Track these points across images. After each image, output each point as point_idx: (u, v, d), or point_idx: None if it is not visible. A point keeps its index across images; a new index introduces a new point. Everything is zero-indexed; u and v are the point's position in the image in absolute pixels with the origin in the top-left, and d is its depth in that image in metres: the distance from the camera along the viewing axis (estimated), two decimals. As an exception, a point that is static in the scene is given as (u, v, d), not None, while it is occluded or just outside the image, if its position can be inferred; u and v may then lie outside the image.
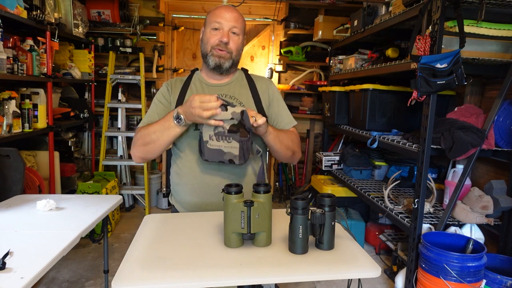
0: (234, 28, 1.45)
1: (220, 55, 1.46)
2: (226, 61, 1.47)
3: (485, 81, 2.44)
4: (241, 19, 1.48)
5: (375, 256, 2.94)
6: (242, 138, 1.30)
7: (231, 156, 1.31)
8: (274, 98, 1.56)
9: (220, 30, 1.45)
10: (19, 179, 2.12)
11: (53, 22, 2.81)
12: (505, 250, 2.10)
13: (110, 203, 1.76)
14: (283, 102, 1.60)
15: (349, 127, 3.16)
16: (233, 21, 1.45)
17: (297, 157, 1.54)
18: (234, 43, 1.47)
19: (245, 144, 1.30)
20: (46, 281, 2.45)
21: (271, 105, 1.55)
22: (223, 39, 1.44)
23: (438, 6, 1.81)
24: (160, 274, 0.94)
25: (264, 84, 1.58)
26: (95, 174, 3.61)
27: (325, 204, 1.08)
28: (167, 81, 1.59)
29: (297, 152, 1.52)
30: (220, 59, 1.46)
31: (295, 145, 1.50)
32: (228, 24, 1.44)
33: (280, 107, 1.56)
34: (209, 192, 1.44)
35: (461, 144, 1.90)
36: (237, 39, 1.48)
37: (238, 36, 1.48)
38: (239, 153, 1.31)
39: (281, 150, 1.45)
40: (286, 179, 4.43)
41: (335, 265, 1.02)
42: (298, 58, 4.19)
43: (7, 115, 2.32)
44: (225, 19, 1.44)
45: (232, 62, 1.49)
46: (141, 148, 1.42)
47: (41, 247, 1.26)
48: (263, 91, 1.55)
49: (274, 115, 1.55)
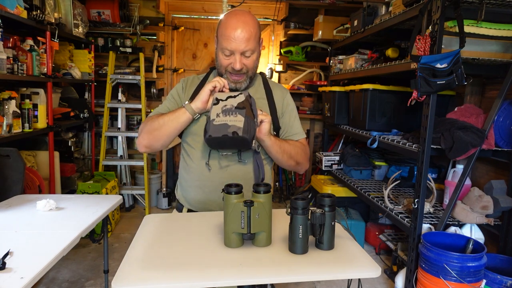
0: (247, 52, 1.37)
1: (235, 81, 1.42)
2: (243, 83, 1.44)
3: (485, 81, 2.45)
4: (254, 34, 1.36)
5: (375, 256, 2.94)
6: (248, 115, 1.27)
7: (235, 128, 1.24)
8: (287, 109, 1.54)
9: (231, 56, 1.38)
10: (19, 179, 2.12)
11: (53, 22, 2.81)
12: (505, 250, 2.10)
13: (110, 203, 1.76)
14: (296, 113, 1.57)
15: (349, 127, 3.15)
16: (244, 44, 1.34)
17: (302, 168, 1.52)
18: (248, 63, 1.40)
19: (251, 122, 1.27)
20: (46, 281, 2.45)
21: (284, 114, 1.53)
22: (235, 66, 1.38)
23: (438, 6, 1.81)
24: (160, 274, 0.94)
25: (280, 92, 1.55)
26: (95, 174, 3.61)
27: (325, 204, 1.08)
28: (184, 78, 1.58)
29: (302, 163, 1.50)
30: (237, 84, 1.43)
31: (300, 156, 1.48)
32: (238, 49, 1.35)
33: (292, 118, 1.54)
34: (214, 189, 1.42)
35: (461, 144, 1.90)
36: (251, 59, 1.40)
37: (253, 54, 1.40)
38: (243, 126, 1.25)
39: (282, 158, 1.43)
40: (286, 179, 4.43)
41: (335, 265, 1.02)
42: (298, 58, 4.19)
43: (7, 115, 2.32)
44: (235, 44, 1.35)
45: (249, 80, 1.46)
46: (146, 136, 1.41)
47: (41, 247, 1.26)
48: (278, 100, 1.53)
49: (285, 125, 1.53)
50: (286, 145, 1.43)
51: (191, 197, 1.49)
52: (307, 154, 1.53)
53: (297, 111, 1.59)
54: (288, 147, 1.44)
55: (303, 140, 1.54)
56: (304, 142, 1.55)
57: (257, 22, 1.41)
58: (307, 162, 1.54)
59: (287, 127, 1.53)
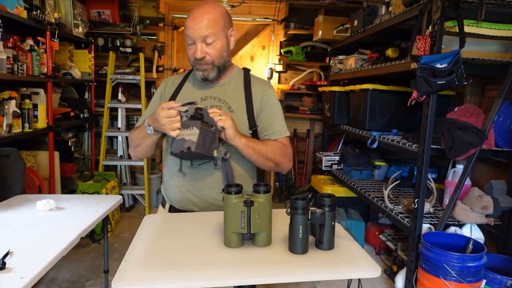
0: (207, 38, 1.35)
1: (202, 69, 1.41)
2: (210, 72, 1.41)
3: (485, 81, 2.44)
4: (214, 21, 1.35)
5: (375, 256, 2.94)
6: (203, 126, 1.24)
7: (190, 143, 1.24)
8: (267, 105, 1.47)
9: (194, 44, 1.38)
10: (19, 179, 2.12)
11: (53, 22, 2.81)
12: (505, 250, 2.10)
13: (110, 203, 1.76)
14: (279, 110, 1.50)
15: (349, 127, 3.15)
16: (204, 30, 1.34)
17: (283, 168, 1.47)
18: (211, 52, 1.38)
19: (207, 134, 1.24)
20: (46, 281, 2.45)
21: (262, 111, 1.46)
22: (197, 55, 1.37)
23: (438, 6, 1.81)
24: (160, 274, 0.94)
25: (260, 89, 1.49)
26: (95, 174, 3.61)
27: (325, 204, 1.08)
28: (166, 78, 1.59)
29: (282, 163, 1.45)
30: (204, 72, 1.41)
31: (278, 157, 1.42)
32: (198, 36, 1.35)
33: (272, 115, 1.47)
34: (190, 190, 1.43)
35: (461, 144, 1.90)
36: (213, 47, 1.38)
37: (215, 42, 1.37)
38: (198, 140, 1.23)
39: (257, 160, 1.39)
40: (286, 179, 4.43)
41: (335, 265, 1.02)
42: (298, 58, 4.19)
43: (7, 115, 2.32)
44: (194, 32, 1.34)
45: (217, 69, 1.43)
46: (133, 150, 1.52)
47: (41, 247, 1.26)
48: (257, 97, 1.47)
49: (264, 123, 1.46)
50: (260, 147, 1.38)
51: (171, 195, 1.50)
52: (288, 154, 1.46)
53: (280, 109, 1.51)
54: (264, 149, 1.39)
55: (283, 139, 1.47)
56: (285, 141, 1.48)
57: (222, 12, 1.40)
58: (289, 162, 1.48)
59: (265, 125, 1.46)
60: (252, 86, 1.49)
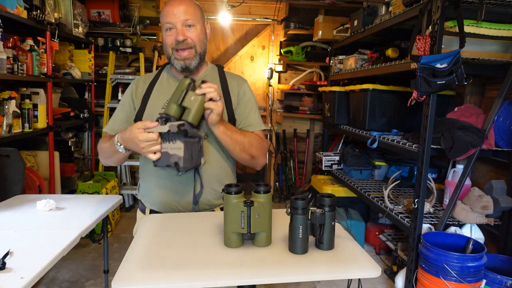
0: (188, 21, 1.35)
1: (183, 57, 1.38)
2: (192, 60, 1.39)
3: (485, 81, 2.44)
4: (192, 8, 1.37)
5: (375, 256, 2.94)
6: (187, 139, 1.21)
7: (176, 158, 1.21)
8: (243, 99, 1.47)
9: (173, 29, 1.36)
10: (19, 179, 2.12)
11: (53, 22, 2.81)
12: (505, 250, 2.10)
13: (110, 203, 1.76)
14: (254, 104, 1.50)
15: (349, 127, 3.15)
16: (183, 14, 1.34)
17: (258, 163, 1.46)
18: (192, 36, 1.37)
19: (193, 146, 1.22)
20: (46, 281, 2.45)
21: (238, 105, 1.46)
22: (179, 37, 1.34)
23: (438, 6, 1.81)
24: (160, 274, 0.94)
25: (236, 83, 1.49)
26: (95, 174, 3.61)
27: (325, 204, 1.08)
28: (136, 79, 1.54)
29: (257, 157, 1.43)
30: (185, 61, 1.38)
31: (255, 149, 1.41)
32: (179, 20, 1.34)
33: (248, 108, 1.47)
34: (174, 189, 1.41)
35: (461, 144, 1.90)
36: (194, 30, 1.37)
37: (195, 26, 1.37)
38: (185, 155, 1.21)
39: (233, 150, 1.37)
40: (286, 179, 4.43)
41: (335, 265, 1.02)
42: (298, 58, 4.19)
43: (7, 115, 2.32)
44: (174, 16, 1.34)
45: (199, 57, 1.41)
46: (104, 160, 1.47)
47: (41, 247, 1.26)
48: (233, 91, 1.47)
49: (240, 115, 1.46)
50: (238, 136, 1.36)
51: (152, 197, 1.45)
52: (263, 148, 1.45)
53: (255, 103, 1.52)
54: (241, 138, 1.37)
55: (259, 132, 1.47)
56: (261, 134, 1.48)
57: (198, 5, 1.41)
58: (264, 157, 1.47)
59: (241, 118, 1.46)
60: (228, 81, 1.49)
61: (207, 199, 1.43)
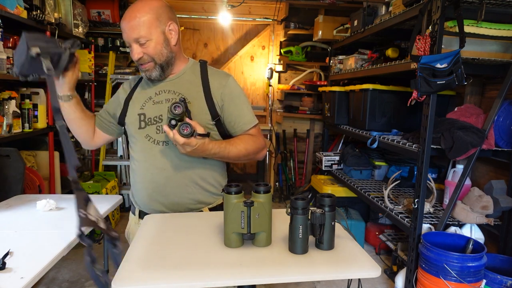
0: (140, 39, 1.33)
1: (145, 70, 1.40)
2: (153, 71, 1.39)
3: (485, 81, 2.44)
4: (142, 21, 1.31)
5: (375, 256, 2.94)
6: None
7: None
8: (229, 98, 1.43)
9: (131, 47, 1.37)
10: (19, 179, 2.12)
11: (53, 22, 2.81)
12: (505, 250, 2.10)
13: (110, 203, 1.76)
14: (244, 98, 1.46)
15: (349, 127, 3.16)
16: (134, 33, 1.32)
17: (258, 157, 1.48)
18: (147, 50, 1.35)
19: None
20: (46, 281, 2.45)
21: (225, 105, 1.42)
22: (133, 57, 1.37)
23: (438, 6, 1.81)
24: (160, 274, 0.94)
25: (218, 81, 1.43)
26: (95, 174, 3.61)
27: (325, 204, 1.08)
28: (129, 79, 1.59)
29: (256, 154, 1.46)
30: (147, 73, 1.40)
31: (252, 148, 1.42)
32: (130, 38, 1.34)
33: (237, 106, 1.43)
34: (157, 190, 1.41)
35: (461, 144, 1.90)
36: (149, 45, 1.34)
37: (147, 42, 1.34)
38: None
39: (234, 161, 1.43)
40: (286, 179, 4.43)
41: (335, 265, 1.02)
42: (298, 58, 4.19)
43: (7, 115, 2.32)
44: (126, 35, 1.34)
45: (160, 67, 1.39)
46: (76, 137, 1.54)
47: (41, 247, 1.26)
48: (216, 90, 1.42)
49: (232, 115, 1.43)
50: (231, 148, 1.37)
51: (139, 198, 1.46)
52: (260, 143, 1.46)
53: (245, 97, 1.47)
54: (236, 152, 1.38)
55: (253, 130, 1.46)
56: (255, 132, 1.46)
57: (154, 8, 1.34)
58: (263, 150, 1.48)
59: (235, 118, 1.43)
60: (210, 77, 1.45)
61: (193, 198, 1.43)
